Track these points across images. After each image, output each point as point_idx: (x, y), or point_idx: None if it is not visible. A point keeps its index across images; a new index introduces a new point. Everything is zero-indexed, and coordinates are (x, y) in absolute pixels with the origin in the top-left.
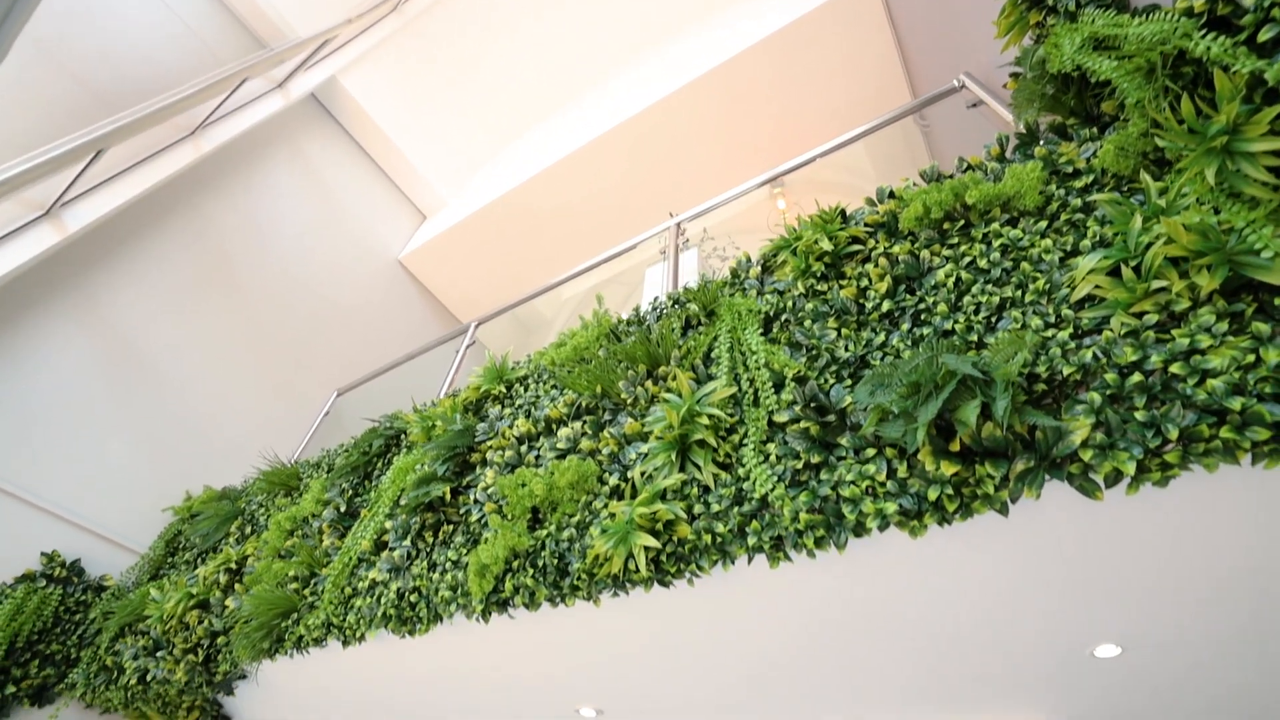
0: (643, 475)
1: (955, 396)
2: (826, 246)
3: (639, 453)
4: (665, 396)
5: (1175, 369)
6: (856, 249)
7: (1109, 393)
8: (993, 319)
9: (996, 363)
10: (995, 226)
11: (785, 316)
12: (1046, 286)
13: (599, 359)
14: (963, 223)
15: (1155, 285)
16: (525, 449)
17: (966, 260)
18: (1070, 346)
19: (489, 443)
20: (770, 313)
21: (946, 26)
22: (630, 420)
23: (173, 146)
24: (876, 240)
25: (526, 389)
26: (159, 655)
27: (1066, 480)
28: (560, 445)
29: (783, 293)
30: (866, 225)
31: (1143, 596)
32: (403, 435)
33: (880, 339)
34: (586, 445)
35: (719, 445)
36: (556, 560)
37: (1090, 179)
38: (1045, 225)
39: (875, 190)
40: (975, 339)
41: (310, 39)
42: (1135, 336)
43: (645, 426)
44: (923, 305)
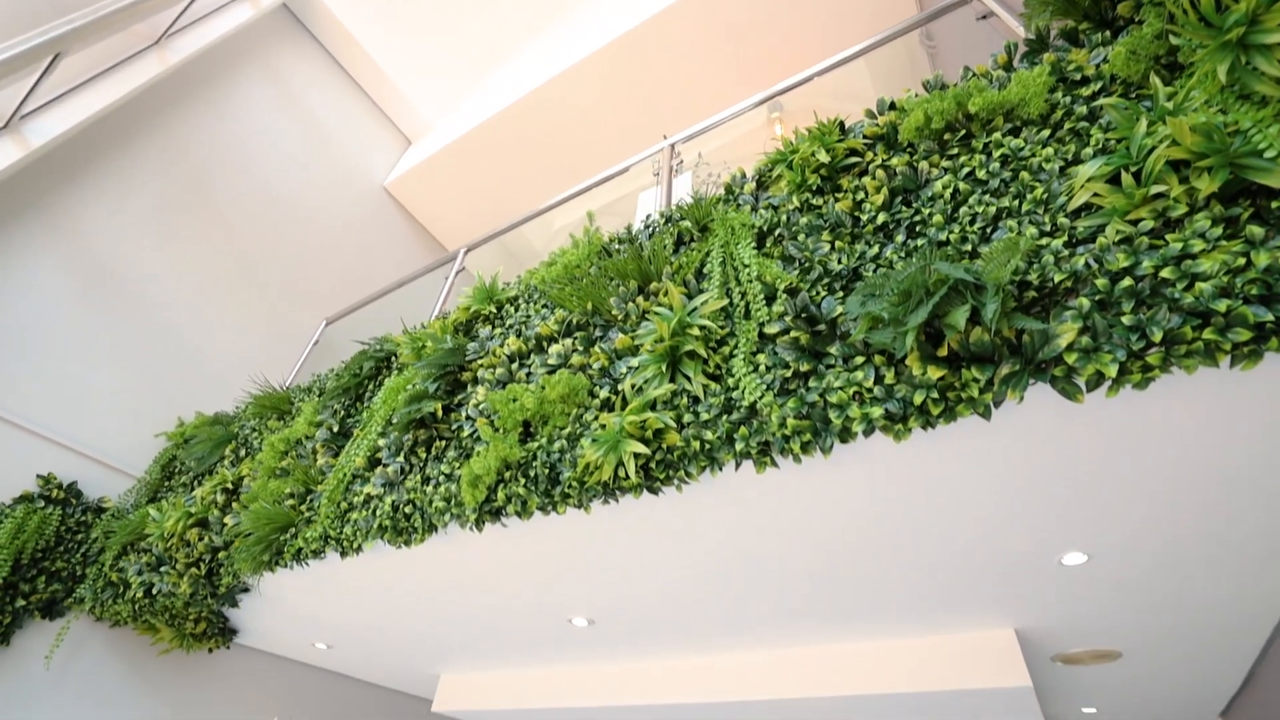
0: (633, 388)
1: (945, 302)
2: (823, 159)
3: (629, 367)
4: (656, 310)
5: (1165, 273)
6: (854, 161)
7: (1098, 298)
8: (988, 230)
9: (989, 269)
10: (997, 136)
11: (779, 231)
12: (1044, 196)
13: (590, 276)
14: (964, 133)
15: (1154, 191)
16: (516, 366)
17: (965, 171)
18: (1064, 255)
19: (480, 361)
20: (764, 228)
21: None
22: (621, 335)
23: (136, 57)
24: (875, 153)
25: (517, 309)
26: (162, 570)
27: (1050, 383)
28: (551, 361)
29: (777, 208)
30: (865, 138)
31: (1112, 503)
32: (393, 358)
33: (874, 251)
34: (577, 360)
35: (709, 357)
36: (548, 470)
37: (1098, 86)
38: (1048, 134)
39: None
40: (969, 249)
41: None
42: (1129, 243)
43: (636, 340)
44: (918, 217)
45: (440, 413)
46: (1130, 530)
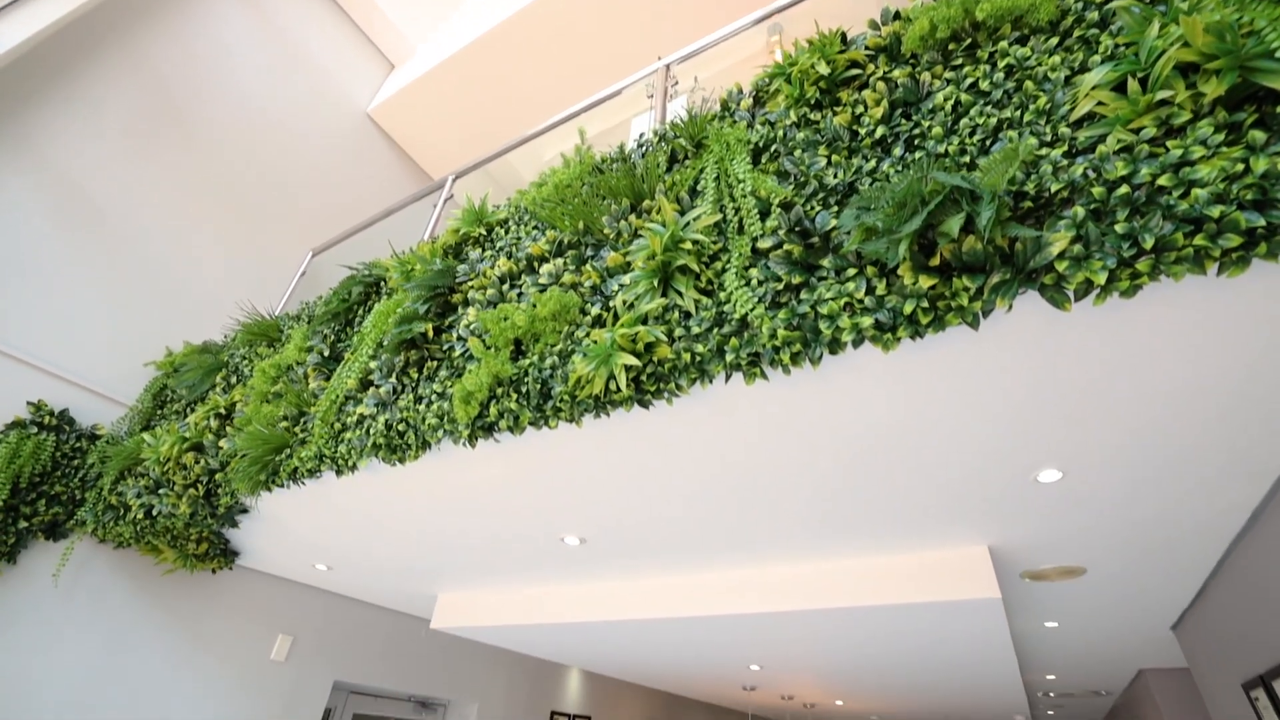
0: (625, 304)
1: (940, 210)
2: (823, 70)
3: (621, 284)
4: (649, 226)
5: (1163, 181)
6: (854, 74)
7: (1093, 207)
8: (987, 142)
9: (987, 178)
10: (1003, 45)
11: (775, 148)
12: (1048, 106)
13: (581, 195)
14: (969, 42)
15: (1159, 97)
16: (507, 287)
17: (968, 82)
18: (1062, 165)
19: (470, 283)
20: (760, 144)
21: None
22: (613, 254)
23: None
24: (876, 65)
25: (507, 231)
26: (161, 493)
27: (1039, 291)
28: (542, 281)
29: (774, 123)
30: (868, 49)
31: (1088, 417)
32: (382, 282)
33: (871, 165)
34: (569, 279)
35: (701, 272)
36: (540, 385)
37: None
38: (1056, 42)
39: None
40: (968, 160)
41: None
42: (1129, 151)
43: (628, 257)
44: (917, 131)
45: (431, 334)
46: (1103, 447)
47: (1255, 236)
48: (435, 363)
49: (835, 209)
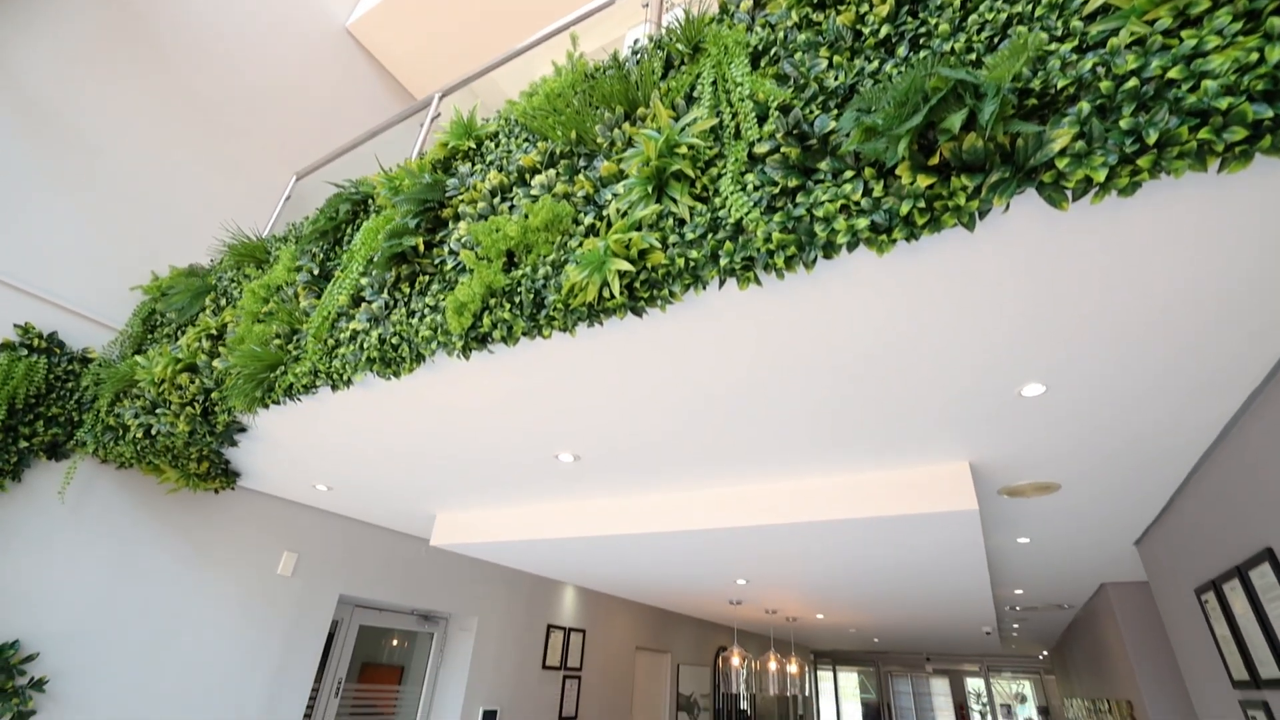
0: (618, 211)
1: (943, 106)
2: None
3: (614, 193)
4: (643, 132)
5: (1173, 73)
6: None
7: (1099, 102)
8: (995, 39)
9: (992, 73)
10: None
11: (775, 50)
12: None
13: (574, 104)
14: None
15: None
16: (498, 200)
17: None
18: (1071, 60)
19: (460, 197)
20: (759, 47)
21: None
22: (606, 163)
23: None
24: None
25: (498, 144)
26: (158, 413)
27: (1037, 190)
28: (534, 193)
29: (774, 25)
30: None
31: (1075, 330)
32: (370, 200)
33: (873, 66)
34: (561, 189)
35: (697, 178)
36: (533, 295)
37: None
38: None
39: None
40: (974, 59)
41: None
42: (1141, 44)
43: (621, 164)
44: (924, 29)
45: (422, 248)
46: (1087, 361)
47: (1261, 129)
48: (427, 277)
49: (835, 112)
